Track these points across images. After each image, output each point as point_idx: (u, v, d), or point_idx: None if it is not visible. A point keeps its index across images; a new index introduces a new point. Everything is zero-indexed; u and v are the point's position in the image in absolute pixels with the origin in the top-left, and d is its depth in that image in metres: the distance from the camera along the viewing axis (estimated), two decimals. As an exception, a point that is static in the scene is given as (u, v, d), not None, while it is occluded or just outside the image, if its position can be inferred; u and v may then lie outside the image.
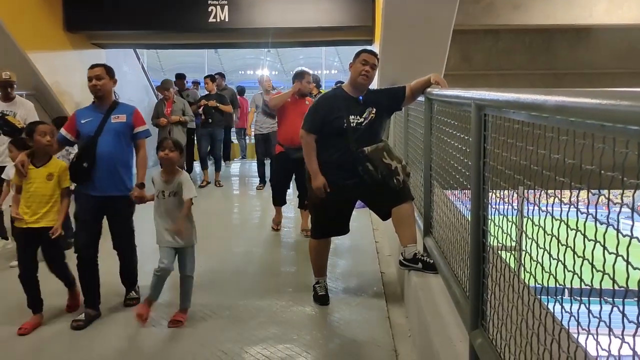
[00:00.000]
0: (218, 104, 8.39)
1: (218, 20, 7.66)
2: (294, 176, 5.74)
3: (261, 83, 8.53)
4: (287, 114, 5.47)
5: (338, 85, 3.99)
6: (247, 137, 11.88)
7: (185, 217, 3.44)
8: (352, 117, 3.56)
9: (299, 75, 5.51)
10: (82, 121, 3.65)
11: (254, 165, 9.27)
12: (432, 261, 3.33)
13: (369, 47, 4.52)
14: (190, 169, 8.95)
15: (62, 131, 3.70)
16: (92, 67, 3.67)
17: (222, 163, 9.18)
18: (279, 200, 5.88)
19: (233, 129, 11.21)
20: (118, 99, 3.91)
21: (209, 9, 7.64)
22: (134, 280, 3.93)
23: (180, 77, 9.71)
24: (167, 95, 8.02)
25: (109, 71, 3.69)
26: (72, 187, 3.67)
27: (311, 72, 5.78)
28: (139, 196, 3.62)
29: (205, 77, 9.38)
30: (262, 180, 8.28)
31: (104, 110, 3.66)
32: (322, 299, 3.82)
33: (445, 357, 2.31)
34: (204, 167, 8.69)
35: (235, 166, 11.36)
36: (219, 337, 3.34)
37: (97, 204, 3.62)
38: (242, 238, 5.83)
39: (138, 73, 10.68)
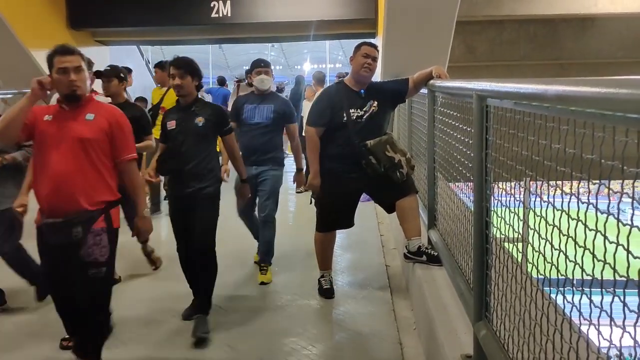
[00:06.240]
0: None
1: (220, 15, 7.66)
2: None
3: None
4: (43, 147, 2.59)
5: (340, 79, 3.95)
6: None
7: None
8: (352, 110, 3.55)
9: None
10: None
11: None
12: (436, 254, 3.33)
13: (369, 40, 4.50)
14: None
15: None
16: None
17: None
18: None
19: None
20: None
21: (212, 4, 7.64)
22: None
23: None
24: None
25: None
26: None
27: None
28: None
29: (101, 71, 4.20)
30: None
31: None
32: (327, 293, 3.83)
33: (449, 348, 2.31)
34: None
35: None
36: (224, 331, 3.36)
37: None
38: (242, 232, 5.82)
39: (142, 70, 10.70)
